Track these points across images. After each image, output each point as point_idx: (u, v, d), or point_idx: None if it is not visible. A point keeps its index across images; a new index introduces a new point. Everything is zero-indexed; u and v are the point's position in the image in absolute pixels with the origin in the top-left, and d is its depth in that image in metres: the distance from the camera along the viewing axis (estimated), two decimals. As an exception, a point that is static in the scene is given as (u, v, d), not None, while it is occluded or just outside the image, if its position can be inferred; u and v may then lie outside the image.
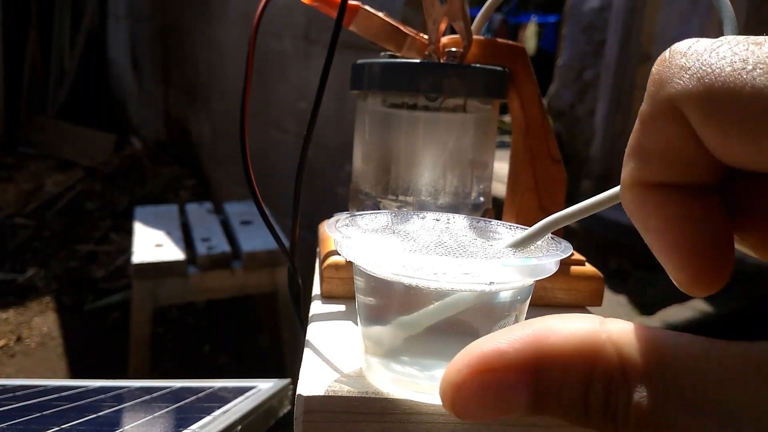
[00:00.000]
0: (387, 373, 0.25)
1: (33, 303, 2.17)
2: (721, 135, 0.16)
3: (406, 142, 0.41)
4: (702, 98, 0.16)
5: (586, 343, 0.17)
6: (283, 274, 1.62)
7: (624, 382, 0.16)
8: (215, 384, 0.61)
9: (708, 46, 0.17)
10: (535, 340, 0.17)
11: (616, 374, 0.16)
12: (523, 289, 0.24)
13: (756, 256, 0.20)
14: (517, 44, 0.43)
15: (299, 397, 0.25)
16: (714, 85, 0.16)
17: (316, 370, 0.27)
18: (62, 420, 0.44)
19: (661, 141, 0.18)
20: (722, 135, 0.16)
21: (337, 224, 0.26)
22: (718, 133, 0.16)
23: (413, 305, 0.24)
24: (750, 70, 0.15)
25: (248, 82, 0.36)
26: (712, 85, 0.16)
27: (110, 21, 4.11)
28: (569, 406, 0.17)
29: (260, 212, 0.37)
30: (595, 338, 0.17)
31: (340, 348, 0.30)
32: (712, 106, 0.16)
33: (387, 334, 0.25)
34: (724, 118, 0.16)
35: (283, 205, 1.92)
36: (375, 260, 0.23)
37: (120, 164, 3.29)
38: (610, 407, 0.16)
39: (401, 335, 0.24)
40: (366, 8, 0.40)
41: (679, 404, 0.15)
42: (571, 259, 0.40)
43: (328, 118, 1.64)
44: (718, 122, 0.16)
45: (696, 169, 0.18)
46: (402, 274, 0.23)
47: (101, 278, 2.33)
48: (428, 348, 0.25)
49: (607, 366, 0.16)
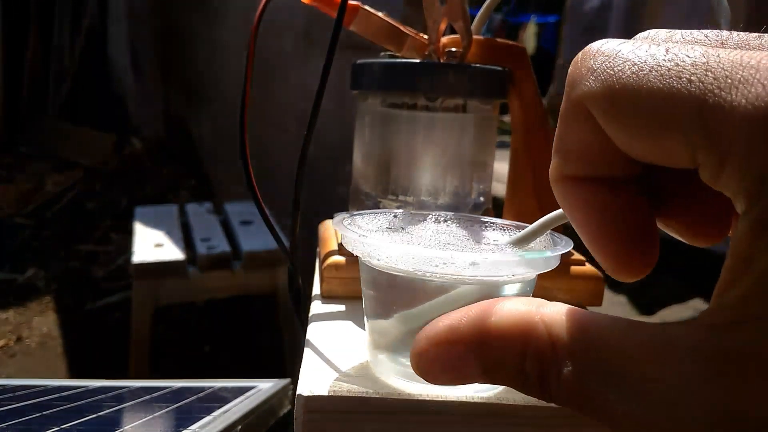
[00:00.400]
0: (394, 366, 0.26)
1: (33, 303, 2.17)
2: (624, 134, 0.17)
3: (406, 142, 0.41)
4: (605, 99, 0.17)
5: (521, 323, 0.19)
6: (283, 274, 1.62)
7: (554, 357, 0.18)
8: (215, 384, 0.61)
9: (614, 48, 0.18)
10: (481, 318, 0.20)
11: (546, 350, 0.18)
12: (529, 282, 0.25)
13: (683, 239, 0.21)
14: (517, 44, 0.43)
15: (299, 397, 0.25)
16: (615, 86, 0.17)
17: (316, 370, 0.27)
18: (62, 420, 0.44)
19: (576, 138, 0.19)
20: (625, 134, 0.17)
21: (344, 221, 0.27)
22: (621, 132, 0.17)
23: (420, 299, 0.24)
24: (646, 73, 0.17)
25: (248, 82, 0.36)
26: (613, 86, 0.17)
27: (110, 21, 4.11)
28: (512, 377, 0.19)
29: (260, 212, 0.37)
30: (528, 318, 0.19)
31: (340, 348, 0.30)
32: (614, 106, 0.17)
33: (393, 327, 0.25)
34: (624, 119, 0.17)
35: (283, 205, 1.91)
36: (384, 253, 0.23)
37: (120, 164, 3.29)
38: (545, 379, 0.18)
39: (406, 329, 0.25)
40: (366, 8, 0.40)
41: (600, 378, 0.17)
42: (571, 259, 0.40)
43: (328, 118, 1.64)
44: (620, 122, 0.17)
45: (611, 163, 0.19)
46: (411, 268, 0.23)
47: (101, 278, 2.33)
48: None
49: (539, 343, 0.18)
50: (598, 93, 0.18)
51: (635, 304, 1.83)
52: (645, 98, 0.16)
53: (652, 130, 0.16)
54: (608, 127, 0.18)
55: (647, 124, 0.17)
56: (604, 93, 0.17)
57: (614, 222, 0.20)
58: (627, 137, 0.17)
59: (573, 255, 0.41)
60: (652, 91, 0.16)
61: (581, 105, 0.18)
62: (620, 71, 0.17)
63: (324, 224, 0.48)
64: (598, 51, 0.18)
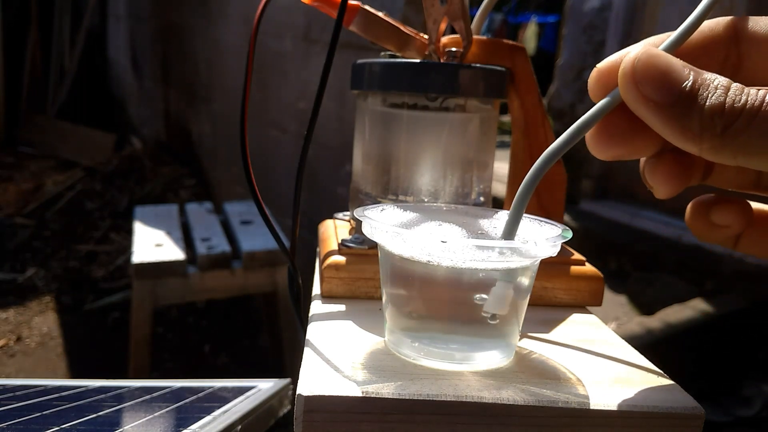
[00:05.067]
0: (413, 344, 0.28)
1: (33, 303, 2.17)
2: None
3: (406, 142, 0.41)
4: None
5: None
6: (283, 274, 1.61)
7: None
8: (215, 384, 0.61)
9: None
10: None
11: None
12: (536, 265, 0.28)
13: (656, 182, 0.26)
14: (517, 44, 0.43)
15: (299, 397, 0.25)
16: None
17: (316, 370, 0.27)
18: (62, 420, 0.44)
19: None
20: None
21: (365, 212, 0.29)
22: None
23: (437, 281, 0.27)
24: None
25: (248, 82, 0.36)
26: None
27: (110, 21, 4.11)
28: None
29: (260, 212, 0.37)
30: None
31: (340, 348, 0.30)
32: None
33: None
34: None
35: (283, 205, 1.92)
36: (412, 243, 0.26)
37: (120, 164, 3.29)
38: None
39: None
40: (366, 8, 0.40)
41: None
42: (571, 259, 0.40)
43: (328, 118, 1.64)
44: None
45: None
46: (436, 255, 0.25)
47: (101, 278, 2.33)
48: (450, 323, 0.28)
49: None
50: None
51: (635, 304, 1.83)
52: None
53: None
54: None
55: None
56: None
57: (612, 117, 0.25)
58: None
59: (573, 255, 0.41)
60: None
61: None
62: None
63: (324, 224, 0.48)
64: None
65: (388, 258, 0.28)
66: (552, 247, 0.26)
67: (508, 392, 0.26)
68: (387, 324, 0.30)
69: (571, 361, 0.30)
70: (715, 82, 0.22)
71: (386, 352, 0.29)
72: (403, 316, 0.28)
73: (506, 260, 0.26)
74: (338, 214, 0.50)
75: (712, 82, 0.22)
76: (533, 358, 0.30)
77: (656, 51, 0.23)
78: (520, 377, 0.27)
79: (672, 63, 0.23)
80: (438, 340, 0.28)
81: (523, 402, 0.25)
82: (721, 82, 0.22)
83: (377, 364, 0.28)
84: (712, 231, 0.28)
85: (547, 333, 0.34)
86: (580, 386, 0.27)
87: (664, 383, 0.28)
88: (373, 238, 0.27)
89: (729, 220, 0.27)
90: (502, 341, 0.28)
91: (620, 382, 0.28)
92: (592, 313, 0.38)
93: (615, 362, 0.30)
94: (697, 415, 0.25)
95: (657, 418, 0.25)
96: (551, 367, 0.29)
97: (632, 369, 0.29)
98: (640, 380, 0.28)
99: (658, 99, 0.22)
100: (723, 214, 0.27)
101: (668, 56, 0.23)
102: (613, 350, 0.32)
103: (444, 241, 0.25)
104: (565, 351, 0.31)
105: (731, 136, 0.21)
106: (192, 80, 2.94)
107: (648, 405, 0.25)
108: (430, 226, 0.30)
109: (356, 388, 0.25)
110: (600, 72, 0.25)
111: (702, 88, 0.22)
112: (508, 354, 0.29)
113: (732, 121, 0.21)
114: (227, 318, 2.13)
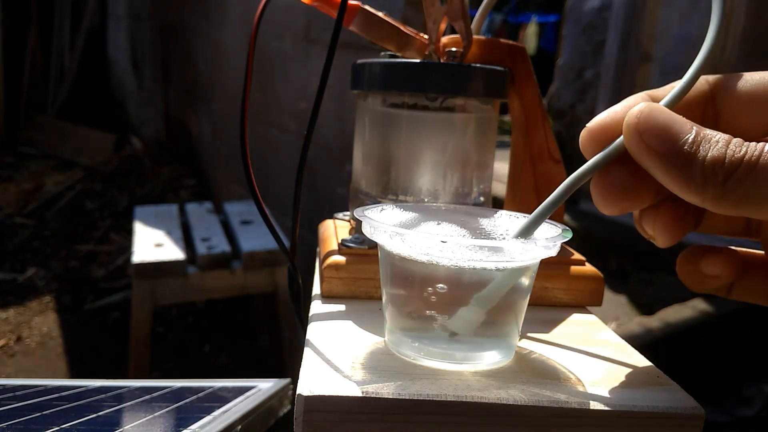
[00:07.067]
0: (413, 344, 0.28)
1: (33, 303, 2.17)
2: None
3: (406, 142, 0.41)
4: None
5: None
6: (283, 274, 1.61)
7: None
8: (215, 384, 0.61)
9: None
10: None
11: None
12: (536, 265, 0.28)
13: (655, 233, 0.27)
14: (517, 44, 0.43)
15: (299, 397, 0.25)
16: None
17: (316, 370, 0.27)
18: (62, 420, 0.44)
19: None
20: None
21: (365, 212, 0.29)
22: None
23: (440, 279, 0.27)
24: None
25: (248, 82, 0.36)
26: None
27: (110, 21, 4.11)
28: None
29: (260, 212, 0.37)
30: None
31: (340, 348, 0.30)
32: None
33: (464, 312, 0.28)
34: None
35: (283, 205, 1.91)
36: (420, 244, 0.26)
37: (120, 164, 3.29)
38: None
39: (481, 311, 0.27)
40: (366, 8, 0.40)
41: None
42: (571, 259, 0.40)
43: (328, 118, 1.64)
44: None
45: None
46: (442, 256, 0.25)
47: (101, 278, 2.33)
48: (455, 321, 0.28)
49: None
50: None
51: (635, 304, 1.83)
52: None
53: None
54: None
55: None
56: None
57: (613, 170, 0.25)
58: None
59: (573, 255, 0.41)
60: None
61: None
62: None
63: (324, 224, 0.48)
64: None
65: (388, 258, 0.28)
66: (552, 247, 0.26)
67: (508, 392, 0.26)
68: (387, 324, 0.30)
69: (571, 361, 0.30)
70: (716, 137, 0.23)
71: (386, 352, 0.29)
72: (403, 316, 0.28)
73: (506, 260, 0.26)
74: (338, 214, 0.50)
75: (714, 137, 0.23)
76: (533, 358, 0.30)
77: (658, 105, 0.24)
78: (520, 377, 0.27)
79: (674, 117, 0.24)
80: (438, 340, 0.28)
81: (523, 402, 0.25)
82: (722, 137, 0.23)
83: (377, 364, 0.28)
84: (704, 281, 0.28)
85: (547, 333, 0.34)
86: (580, 386, 0.27)
87: (664, 383, 0.28)
88: (373, 238, 0.27)
89: (719, 270, 0.28)
90: (502, 341, 0.28)
91: (620, 382, 0.28)
92: (592, 313, 0.38)
93: (615, 362, 0.30)
94: (697, 415, 0.25)
95: (657, 418, 0.25)
96: (551, 367, 0.29)
97: (632, 369, 0.29)
98: (640, 380, 0.28)
99: (662, 150, 0.23)
100: (713, 265, 0.28)
101: (670, 111, 0.24)
102: (613, 350, 0.32)
103: (444, 241, 0.25)
104: (565, 351, 0.31)
105: (733, 186, 0.22)
106: (192, 80, 2.94)
107: (648, 405, 0.25)
108: (430, 226, 0.30)
109: (356, 388, 0.25)
110: (591, 131, 0.26)
111: (704, 141, 0.23)
112: (508, 354, 0.29)
113: (732, 171, 0.22)
114: (227, 318, 2.13)
